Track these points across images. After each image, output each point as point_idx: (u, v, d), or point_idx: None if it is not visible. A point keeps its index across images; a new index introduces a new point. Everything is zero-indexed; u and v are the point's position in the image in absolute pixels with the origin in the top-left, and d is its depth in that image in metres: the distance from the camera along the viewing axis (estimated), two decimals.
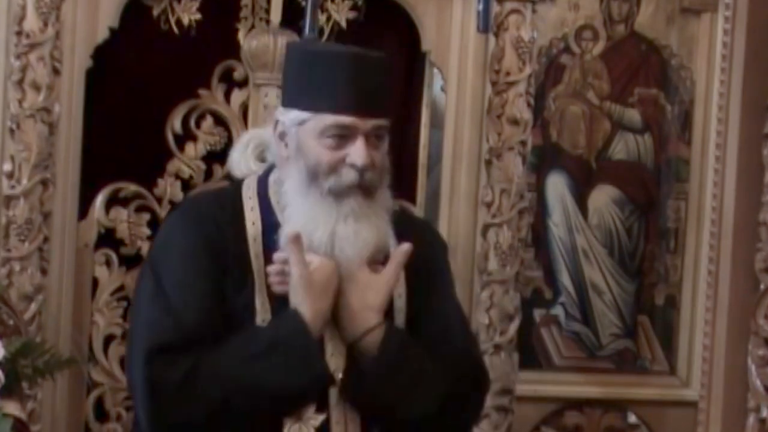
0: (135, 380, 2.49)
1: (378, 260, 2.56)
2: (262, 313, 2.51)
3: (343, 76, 2.52)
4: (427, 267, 2.67)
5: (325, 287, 2.49)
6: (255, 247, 2.55)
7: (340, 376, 2.51)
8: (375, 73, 2.56)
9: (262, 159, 2.74)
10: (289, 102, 2.60)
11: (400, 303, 2.60)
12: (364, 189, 2.52)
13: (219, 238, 2.54)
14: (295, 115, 2.55)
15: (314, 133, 2.52)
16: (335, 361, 2.52)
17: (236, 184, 2.68)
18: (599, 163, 3.55)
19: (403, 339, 2.55)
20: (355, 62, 2.57)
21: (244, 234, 2.56)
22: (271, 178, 2.63)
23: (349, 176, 2.50)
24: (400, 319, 2.59)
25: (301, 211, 2.53)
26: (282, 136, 2.59)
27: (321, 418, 2.48)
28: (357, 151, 2.50)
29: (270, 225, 2.56)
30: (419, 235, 2.71)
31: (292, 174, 2.56)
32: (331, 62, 2.57)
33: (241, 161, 2.75)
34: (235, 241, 2.55)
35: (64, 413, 3.19)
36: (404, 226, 2.68)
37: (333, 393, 2.50)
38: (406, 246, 2.55)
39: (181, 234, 2.59)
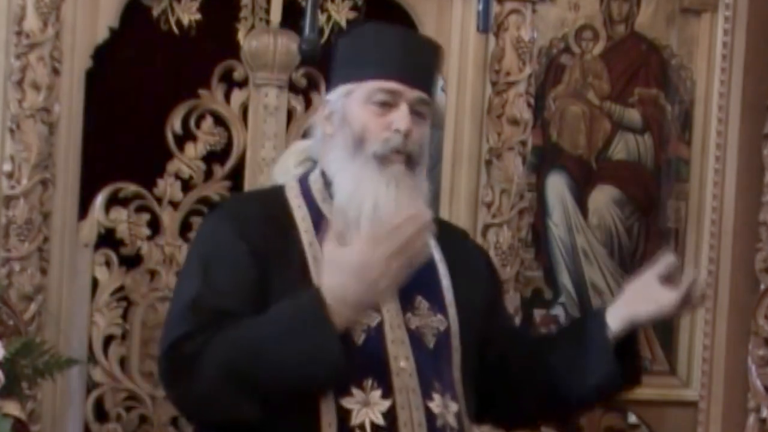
0: (160, 358, 2.51)
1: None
2: None
3: (392, 46, 2.60)
4: (476, 273, 2.73)
5: (360, 271, 2.39)
6: (308, 237, 2.58)
7: (402, 364, 2.52)
8: (423, 52, 2.65)
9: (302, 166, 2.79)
10: (336, 82, 2.65)
11: (450, 297, 2.64)
12: (407, 157, 2.57)
13: (258, 236, 2.56)
14: (342, 88, 2.61)
15: (360, 101, 2.57)
16: (396, 349, 2.53)
17: (278, 187, 2.72)
18: (599, 163, 3.55)
19: None
20: (405, 36, 2.68)
21: (293, 228, 2.59)
22: (311, 177, 2.66)
23: (394, 140, 2.55)
24: (452, 311, 2.62)
25: (348, 180, 2.57)
26: (328, 116, 2.63)
27: (387, 403, 2.49)
28: (401, 116, 2.55)
29: (316, 217, 2.61)
30: (460, 237, 2.82)
31: (337, 145, 2.60)
32: (380, 34, 2.66)
33: (282, 169, 2.81)
34: (282, 235, 2.58)
35: (64, 413, 3.19)
36: (443, 229, 2.73)
37: (396, 379, 2.51)
38: None
39: (220, 232, 2.61)
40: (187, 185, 3.27)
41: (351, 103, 2.59)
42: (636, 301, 2.63)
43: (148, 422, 3.25)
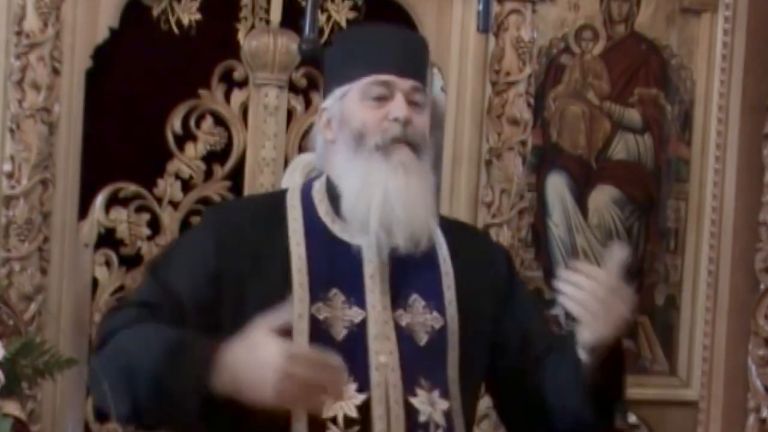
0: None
1: (419, 240, 2.58)
2: (300, 293, 2.53)
3: (379, 41, 2.64)
4: (485, 273, 2.71)
5: (262, 366, 2.34)
6: (296, 237, 2.60)
7: (382, 359, 2.52)
8: (409, 42, 2.70)
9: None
10: (329, 88, 2.68)
11: (450, 295, 2.63)
12: (410, 144, 2.58)
13: (236, 239, 2.58)
14: (337, 92, 2.63)
15: (356, 99, 2.60)
16: (378, 344, 2.53)
17: (281, 191, 2.75)
18: (599, 163, 3.55)
19: None
20: (389, 31, 2.72)
21: (284, 229, 2.61)
22: (316, 183, 2.68)
23: (393, 129, 2.56)
24: (452, 310, 2.62)
25: (354, 177, 2.58)
26: (327, 123, 2.65)
27: (362, 397, 2.50)
28: (397, 105, 2.57)
29: (310, 221, 2.62)
30: (477, 236, 2.85)
31: (340, 148, 2.62)
32: (365, 33, 2.73)
33: (288, 184, 2.83)
34: (269, 238, 2.60)
35: (64, 413, 3.18)
36: (454, 228, 2.73)
37: (375, 374, 2.51)
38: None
39: (196, 230, 2.68)
40: (187, 185, 3.27)
41: (347, 103, 2.61)
42: (598, 317, 2.52)
43: None
